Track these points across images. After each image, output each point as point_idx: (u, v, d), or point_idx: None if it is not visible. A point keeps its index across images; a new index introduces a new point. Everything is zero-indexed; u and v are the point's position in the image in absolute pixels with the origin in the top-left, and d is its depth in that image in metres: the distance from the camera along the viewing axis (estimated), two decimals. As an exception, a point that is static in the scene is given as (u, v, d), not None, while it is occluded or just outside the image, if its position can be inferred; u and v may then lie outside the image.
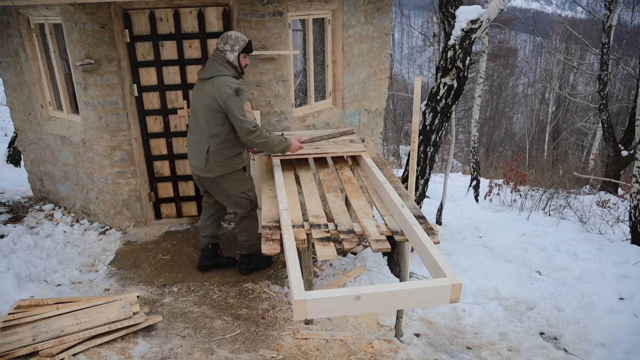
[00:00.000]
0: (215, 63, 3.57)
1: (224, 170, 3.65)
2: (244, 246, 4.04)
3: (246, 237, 3.98)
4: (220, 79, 3.50)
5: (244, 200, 3.82)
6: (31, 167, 5.70)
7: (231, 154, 3.64)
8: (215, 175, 3.65)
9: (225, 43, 3.58)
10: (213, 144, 3.56)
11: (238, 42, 3.59)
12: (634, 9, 14.95)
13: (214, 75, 3.52)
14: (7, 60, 5.23)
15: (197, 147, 3.63)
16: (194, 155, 3.69)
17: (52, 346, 2.92)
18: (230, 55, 3.59)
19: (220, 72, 3.53)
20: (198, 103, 3.60)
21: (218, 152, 3.58)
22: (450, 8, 4.63)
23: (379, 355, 3.17)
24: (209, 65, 3.60)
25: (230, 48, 3.58)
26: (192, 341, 3.22)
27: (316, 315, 2.28)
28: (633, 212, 6.10)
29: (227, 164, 3.65)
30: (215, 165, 3.62)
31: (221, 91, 3.44)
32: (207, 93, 3.51)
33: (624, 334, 3.82)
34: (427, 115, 4.77)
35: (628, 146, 10.62)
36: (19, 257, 4.25)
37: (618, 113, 19.19)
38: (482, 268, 4.78)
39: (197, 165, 3.68)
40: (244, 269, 4.10)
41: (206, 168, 3.62)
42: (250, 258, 4.09)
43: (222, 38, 3.60)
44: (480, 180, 11.83)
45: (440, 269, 2.37)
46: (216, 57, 3.59)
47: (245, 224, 3.93)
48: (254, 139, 3.52)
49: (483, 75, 12.16)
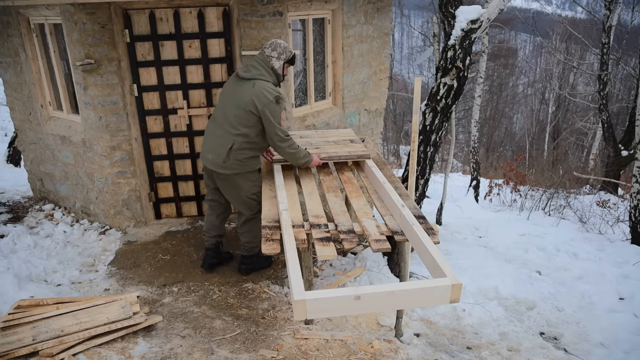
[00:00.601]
0: (260, 66, 3.57)
1: (242, 169, 3.64)
2: (246, 247, 4.02)
3: (249, 238, 3.96)
4: (261, 83, 3.50)
5: (253, 201, 3.80)
6: (31, 167, 5.70)
7: (252, 154, 3.64)
8: (232, 172, 3.63)
9: (273, 49, 3.60)
10: (238, 142, 3.55)
11: (285, 51, 3.63)
12: (634, 9, 14.95)
13: (256, 78, 3.52)
14: (7, 60, 5.23)
15: (219, 142, 3.59)
16: (212, 149, 3.64)
17: (52, 346, 2.92)
18: (276, 63, 3.61)
19: (262, 76, 3.54)
20: (231, 99, 3.57)
21: (240, 150, 3.57)
22: (450, 8, 4.63)
23: (379, 355, 3.17)
24: (251, 66, 3.58)
25: (277, 55, 3.60)
26: (192, 341, 3.22)
27: (316, 315, 2.28)
28: (633, 212, 6.09)
29: (246, 163, 3.64)
30: (234, 163, 3.60)
31: (261, 96, 3.44)
32: (244, 93, 3.50)
33: (624, 334, 3.82)
34: (427, 115, 4.77)
35: (628, 146, 10.62)
36: (19, 257, 4.25)
37: (618, 113, 19.19)
38: (482, 268, 4.78)
39: (214, 160, 3.64)
40: (244, 269, 4.09)
41: (224, 164, 3.60)
42: (251, 259, 4.08)
43: (270, 44, 3.62)
44: (480, 180, 11.83)
45: (440, 269, 2.37)
46: (262, 60, 3.59)
47: (250, 225, 3.91)
48: (286, 147, 3.55)
49: (483, 75, 12.16)
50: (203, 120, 4.76)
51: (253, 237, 3.94)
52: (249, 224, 3.91)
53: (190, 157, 4.87)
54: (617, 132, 13.13)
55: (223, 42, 4.55)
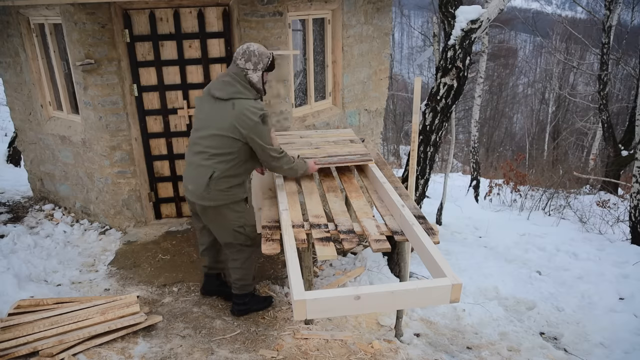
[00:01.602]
0: (235, 82, 3.09)
1: (226, 200, 3.20)
2: (237, 285, 3.52)
3: (239, 275, 3.47)
4: (242, 103, 3.04)
5: (240, 235, 3.33)
6: (31, 167, 5.70)
7: (236, 182, 3.21)
8: (216, 204, 3.19)
9: (247, 60, 3.11)
10: (219, 169, 3.11)
11: (262, 59, 3.14)
12: (634, 9, 14.96)
13: (234, 97, 3.06)
14: (7, 60, 5.23)
15: (198, 172, 3.15)
16: (192, 179, 3.20)
17: (52, 346, 2.92)
18: (254, 76, 3.13)
19: (240, 94, 3.08)
20: (207, 123, 3.12)
21: (222, 179, 3.13)
22: (450, 8, 4.63)
23: (379, 355, 3.17)
24: (225, 83, 3.10)
25: (253, 67, 3.13)
26: (192, 341, 3.22)
27: (316, 315, 2.28)
28: (633, 212, 6.09)
29: (230, 193, 3.20)
30: (217, 194, 3.15)
31: (245, 119, 3.01)
32: (223, 117, 3.05)
33: (624, 334, 3.82)
34: (427, 115, 4.77)
35: (628, 146, 10.63)
36: (19, 257, 4.25)
37: (618, 113, 19.19)
38: (482, 268, 4.78)
39: (195, 191, 3.18)
40: (236, 310, 3.57)
41: (206, 196, 3.15)
42: (244, 298, 3.56)
43: (243, 54, 3.12)
44: (480, 180, 11.82)
45: (440, 269, 2.37)
46: (236, 75, 3.11)
47: (240, 261, 3.42)
48: (284, 165, 3.24)
49: (483, 75, 12.16)
50: (203, 120, 4.76)
51: (243, 275, 3.47)
52: (239, 259, 3.43)
53: (190, 157, 4.87)
54: (617, 132, 13.13)
55: (223, 42, 4.55)
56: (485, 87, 18.01)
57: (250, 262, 3.48)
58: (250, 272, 3.51)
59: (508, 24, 22.26)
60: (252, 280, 3.54)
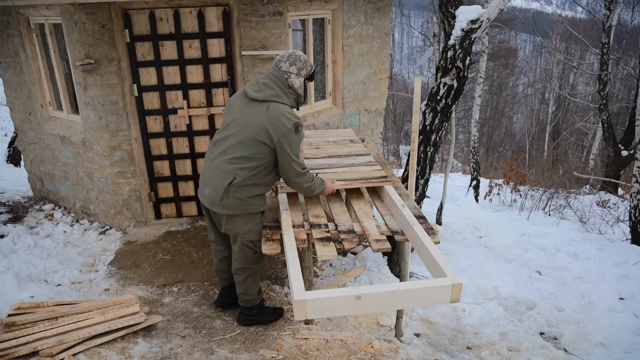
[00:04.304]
0: (275, 85, 2.91)
1: (242, 210, 2.98)
2: (242, 299, 3.38)
3: (243, 290, 3.31)
4: (277, 107, 2.86)
5: (248, 249, 3.13)
6: (31, 167, 5.70)
7: (256, 192, 2.97)
8: (230, 213, 2.99)
9: (292, 64, 2.94)
10: (240, 176, 2.88)
11: (306, 66, 2.99)
12: (634, 9, 14.97)
13: (270, 100, 2.87)
14: (7, 60, 5.23)
15: (217, 175, 2.93)
16: (210, 183, 2.98)
17: (52, 346, 2.92)
18: (296, 81, 2.96)
19: (278, 97, 2.90)
20: (238, 123, 2.91)
21: (242, 187, 2.91)
22: (450, 8, 4.63)
23: (379, 355, 3.17)
24: (264, 85, 2.92)
25: (297, 71, 2.95)
26: (192, 341, 3.22)
27: (316, 315, 2.28)
28: (633, 212, 6.09)
29: (248, 203, 2.97)
30: (234, 202, 2.94)
31: (278, 123, 2.81)
32: (256, 118, 2.85)
33: (624, 334, 3.82)
34: (427, 115, 4.77)
35: (628, 146, 10.63)
36: (19, 257, 4.25)
37: (618, 113, 19.19)
38: (482, 268, 4.78)
39: (211, 196, 2.98)
40: (242, 320, 3.45)
41: (221, 202, 2.94)
42: (251, 311, 3.43)
43: (288, 57, 2.95)
44: (480, 180, 11.83)
45: (441, 268, 2.37)
46: (277, 78, 2.93)
47: (244, 276, 3.26)
48: (303, 182, 3.00)
49: (483, 75, 12.17)
50: (203, 120, 4.76)
51: (247, 289, 3.30)
52: (243, 274, 3.25)
53: (190, 157, 4.87)
54: (617, 132, 13.13)
55: (223, 42, 4.55)
56: (485, 87, 18.03)
57: (254, 279, 3.28)
58: (254, 289, 3.33)
59: (508, 24, 22.27)
60: (257, 295, 3.38)
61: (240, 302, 3.41)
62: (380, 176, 3.49)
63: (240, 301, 3.40)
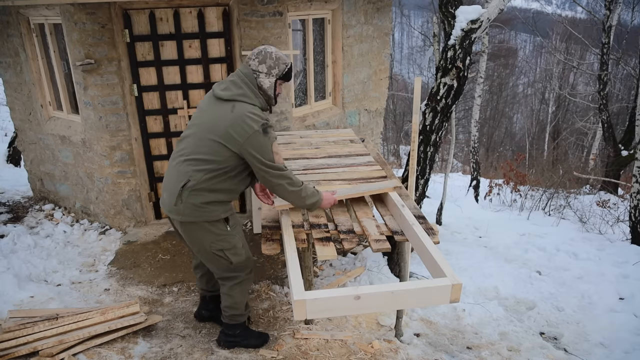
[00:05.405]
0: (243, 84, 2.66)
1: (197, 217, 2.69)
2: (226, 314, 3.05)
3: (228, 303, 3.00)
4: (243, 107, 2.59)
5: (221, 260, 2.83)
6: (31, 167, 5.70)
7: (213, 198, 2.68)
8: (184, 220, 2.70)
9: (260, 62, 2.69)
10: (195, 178, 2.62)
11: (278, 64, 2.71)
12: (634, 9, 14.97)
13: (236, 99, 2.62)
14: (7, 60, 5.23)
15: (173, 176, 2.71)
16: (167, 185, 2.76)
17: (52, 346, 2.92)
18: (266, 81, 2.70)
19: (246, 97, 2.64)
20: (201, 123, 2.68)
21: (196, 191, 2.64)
22: (450, 8, 4.63)
23: (379, 355, 3.17)
24: (232, 83, 2.67)
25: (267, 70, 2.70)
26: (192, 341, 3.22)
27: (316, 315, 2.28)
28: (633, 212, 6.09)
29: (204, 210, 2.68)
30: (187, 207, 2.66)
31: (243, 125, 2.54)
32: (219, 118, 2.60)
33: (624, 334, 3.82)
34: (427, 115, 4.77)
35: (628, 146, 10.63)
36: (19, 257, 4.26)
37: (618, 113, 19.19)
38: (482, 268, 4.78)
39: (167, 199, 2.73)
40: (222, 341, 3.12)
41: (176, 207, 2.67)
42: (234, 329, 3.10)
43: (258, 54, 2.70)
44: (480, 180, 11.83)
45: (440, 268, 2.37)
46: (246, 76, 2.68)
47: (229, 287, 2.95)
48: (287, 186, 2.68)
49: (483, 75, 12.17)
50: (203, 120, 4.76)
51: (233, 303, 2.99)
52: (228, 282, 2.95)
53: (190, 157, 4.87)
54: (617, 132, 13.13)
55: (223, 42, 4.55)
56: (485, 87, 18.03)
57: (241, 289, 2.98)
58: (242, 301, 3.02)
59: (508, 24, 22.27)
60: (244, 311, 3.07)
61: (224, 319, 3.08)
62: (380, 176, 3.50)
63: (224, 317, 3.07)
